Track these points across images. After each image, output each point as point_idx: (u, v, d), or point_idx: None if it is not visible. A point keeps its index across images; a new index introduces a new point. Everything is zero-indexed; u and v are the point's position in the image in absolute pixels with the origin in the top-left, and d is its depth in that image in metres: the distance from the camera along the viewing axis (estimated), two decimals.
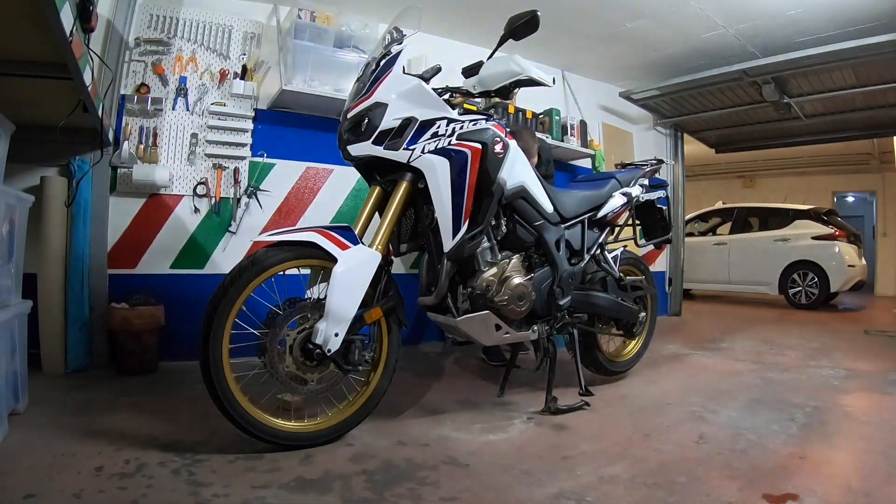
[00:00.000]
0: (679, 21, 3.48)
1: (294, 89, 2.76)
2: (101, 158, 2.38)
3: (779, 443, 1.71)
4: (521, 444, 1.70)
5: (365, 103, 1.70)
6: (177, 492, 1.29)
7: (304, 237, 1.57)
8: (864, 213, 10.52)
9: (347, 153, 1.74)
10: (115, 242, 2.61)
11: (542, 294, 2.01)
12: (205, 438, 1.64)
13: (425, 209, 1.80)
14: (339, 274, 1.55)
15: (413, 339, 3.37)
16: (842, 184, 9.61)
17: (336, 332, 1.56)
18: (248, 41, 2.89)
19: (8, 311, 1.61)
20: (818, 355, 3.18)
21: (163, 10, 2.69)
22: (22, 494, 1.23)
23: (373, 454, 1.58)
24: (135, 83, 2.62)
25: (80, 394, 2.07)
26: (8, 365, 1.63)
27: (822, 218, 6.51)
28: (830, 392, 2.37)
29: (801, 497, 1.32)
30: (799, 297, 6.34)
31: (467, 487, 1.37)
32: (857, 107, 4.54)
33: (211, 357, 1.47)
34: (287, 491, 1.33)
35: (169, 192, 2.71)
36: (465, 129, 1.79)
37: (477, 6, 3.20)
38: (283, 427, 1.59)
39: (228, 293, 1.50)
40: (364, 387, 1.76)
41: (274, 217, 2.97)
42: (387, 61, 1.74)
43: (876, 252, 8.87)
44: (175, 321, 2.56)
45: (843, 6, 3.19)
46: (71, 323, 2.38)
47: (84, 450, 1.50)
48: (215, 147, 2.79)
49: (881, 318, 5.46)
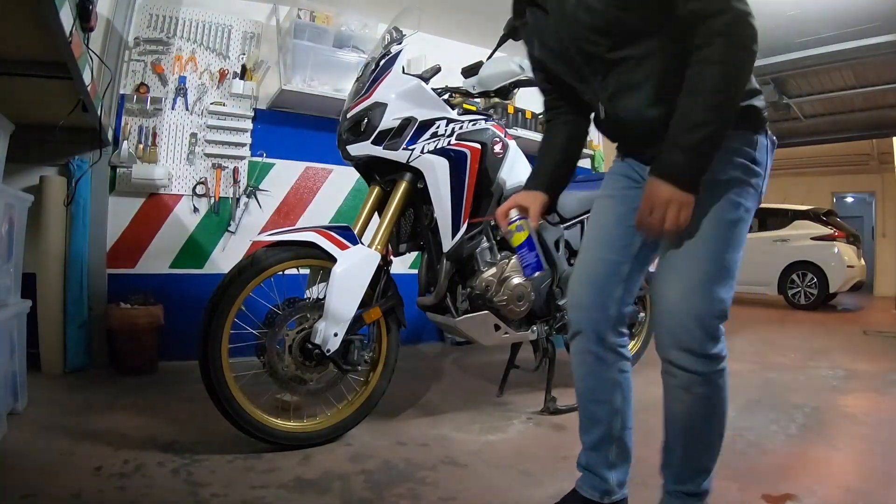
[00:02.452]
0: None
1: (293, 89, 2.75)
2: (101, 158, 2.38)
3: (778, 443, 1.71)
4: (520, 444, 1.70)
5: (364, 103, 1.70)
6: (175, 492, 1.29)
7: (303, 237, 1.57)
8: (863, 214, 10.53)
9: (347, 153, 1.74)
10: (115, 242, 2.61)
11: (541, 294, 2.01)
12: (204, 438, 1.64)
13: (424, 209, 1.80)
14: (339, 274, 1.55)
15: (412, 339, 3.37)
16: (841, 184, 9.63)
17: (335, 332, 1.56)
18: (247, 41, 2.89)
19: (7, 310, 1.61)
20: (817, 356, 3.18)
21: (162, 9, 2.69)
22: (21, 494, 1.22)
23: (372, 454, 1.58)
24: (134, 83, 2.62)
25: (79, 394, 2.06)
26: (7, 365, 1.63)
27: (821, 218, 6.52)
28: (830, 392, 2.37)
29: (801, 497, 1.32)
30: (798, 298, 6.35)
31: (466, 487, 1.37)
32: (856, 107, 4.55)
33: (210, 357, 1.47)
34: (286, 491, 1.33)
35: (168, 192, 2.71)
36: (464, 130, 1.79)
37: (477, 6, 3.19)
38: (282, 427, 1.59)
39: (228, 293, 1.50)
40: (363, 387, 1.76)
41: (273, 217, 2.97)
42: (386, 61, 1.74)
43: (875, 253, 8.89)
44: (174, 321, 2.55)
45: (843, 7, 3.19)
46: (70, 322, 2.38)
47: (83, 450, 1.50)
48: (214, 147, 2.79)
49: (880, 319, 5.47)
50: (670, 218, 0.90)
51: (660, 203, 0.90)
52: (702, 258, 0.97)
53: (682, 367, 0.98)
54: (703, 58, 0.87)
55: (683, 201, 0.90)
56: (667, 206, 0.90)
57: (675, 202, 0.90)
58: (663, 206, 0.90)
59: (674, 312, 0.97)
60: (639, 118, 1.01)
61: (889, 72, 3.68)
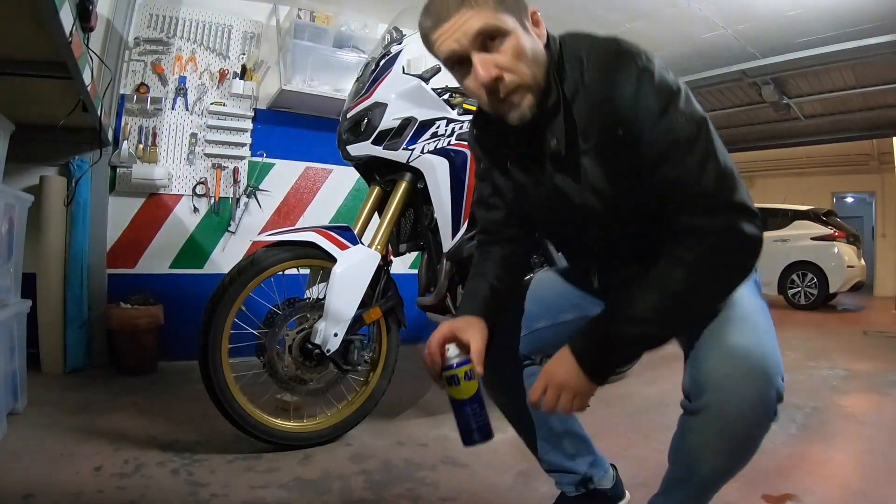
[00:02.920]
0: (679, 22, 3.48)
1: (293, 89, 2.75)
2: (101, 158, 2.38)
3: (778, 443, 1.71)
4: (520, 444, 1.69)
5: (364, 103, 1.70)
6: (175, 492, 1.29)
7: (303, 237, 1.57)
8: (863, 214, 10.53)
9: (347, 153, 1.74)
10: (115, 242, 2.61)
11: None
12: (204, 438, 1.64)
13: (424, 209, 1.80)
14: (339, 274, 1.55)
15: (412, 339, 3.37)
16: (841, 184, 9.62)
17: (335, 332, 1.56)
18: (247, 41, 2.89)
19: (7, 310, 1.61)
20: (817, 356, 3.18)
21: (162, 9, 2.69)
22: (21, 494, 1.22)
23: (372, 454, 1.58)
24: (134, 83, 2.62)
25: (79, 393, 2.06)
26: (7, 364, 1.63)
27: (821, 218, 6.52)
28: (829, 393, 2.37)
29: (800, 497, 1.32)
30: (798, 298, 6.35)
31: (466, 488, 1.37)
32: (856, 107, 4.55)
33: (210, 357, 1.47)
34: (286, 491, 1.33)
35: (168, 192, 2.71)
36: (464, 130, 1.79)
37: None
38: (282, 427, 1.59)
39: (228, 293, 1.50)
40: (363, 387, 1.76)
41: (273, 217, 2.97)
42: (386, 61, 1.74)
43: (875, 253, 8.88)
44: (174, 321, 2.55)
45: (843, 7, 3.19)
46: (70, 322, 2.38)
47: (83, 450, 1.50)
48: (214, 147, 2.79)
49: (880, 319, 5.47)
50: (563, 403, 0.82)
51: (554, 385, 0.82)
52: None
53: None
54: (677, 255, 0.77)
55: (580, 391, 0.81)
56: (561, 391, 0.81)
57: (569, 389, 0.81)
58: (557, 390, 0.81)
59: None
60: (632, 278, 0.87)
61: (889, 72, 3.68)
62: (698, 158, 0.76)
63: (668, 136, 0.77)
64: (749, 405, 0.74)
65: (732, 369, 0.74)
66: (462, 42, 0.79)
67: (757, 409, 0.75)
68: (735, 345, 0.75)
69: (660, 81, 0.78)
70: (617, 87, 0.79)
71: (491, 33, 0.79)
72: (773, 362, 0.76)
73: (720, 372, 0.75)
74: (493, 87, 0.80)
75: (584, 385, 0.80)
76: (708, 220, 0.76)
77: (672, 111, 0.77)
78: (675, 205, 0.78)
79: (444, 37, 0.80)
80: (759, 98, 4.30)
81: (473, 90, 0.83)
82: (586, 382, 0.80)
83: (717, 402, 0.75)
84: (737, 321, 0.79)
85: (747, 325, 0.78)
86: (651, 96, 0.77)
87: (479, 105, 0.89)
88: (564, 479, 1.12)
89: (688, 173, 0.76)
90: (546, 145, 0.87)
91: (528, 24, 0.84)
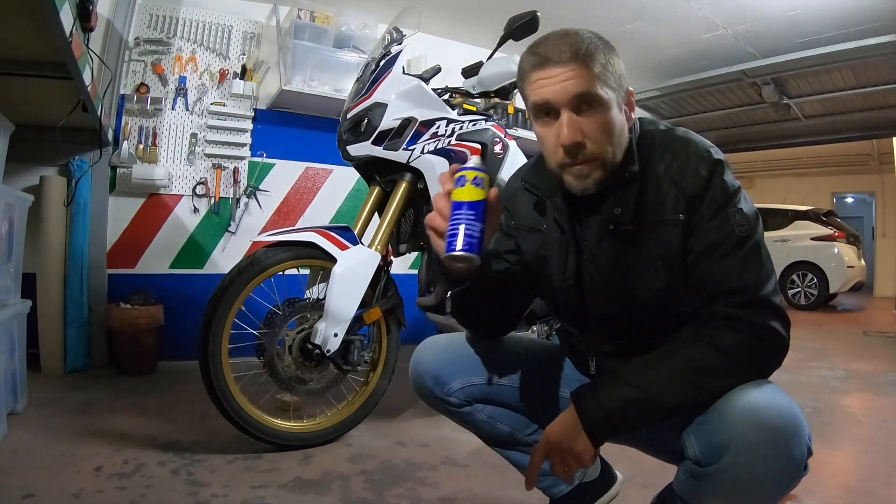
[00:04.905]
0: (679, 22, 3.48)
1: (293, 89, 2.75)
2: (101, 158, 2.38)
3: None
4: None
5: (364, 103, 1.70)
6: (175, 492, 1.29)
7: (303, 237, 1.57)
8: (863, 214, 10.54)
9: (347, 153, 1.74)
10: (115, 242, 2.61)
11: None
12: (204, 438, 1.64)
13: (424, 209, 1.80)
14: (339, 274, 1.55)
15: (412, 339, 3.37)
16: (841, 185, 9.63)
17: (335, 333, 1.56)
18: (247, 41, 2.89)
19: (7, 310, 1.61)
20: (817, 356, 3.18)
21: (162, 9, 2.69)
22: (21, 494, 1.22)
23: (372, 454, 1.58)
24: (134, 83, 2.62)
25: (79, 394, 2.06)
26: (7, 365, 1.63)
27: (821, 219, 6.52)
28: (829, 393, 2.37)
29: (800, 497, 1.32)
30: (798, 298, 6.35)
31: (466, 488, 1.38)
32: (856, 108, 4.54)
33: (210, 357, 1.47)
34: (286, 491, 1.33)
35: (168, 192, 2.71)
36: (464, 130, 1.79)
37: (477, 6, 3.20)
38: (283, 427, 1.59)
39: (228, 293, 1.50)
40: (363, 387, 1.76)
41: (273, 217, 2.97)
42: (386, 61, 1.74)
43: (875, 253, 8.88)
44: (174, 321, 2.55)
45: (843, 7, 3.19)
46: (70, 323, 2.38)
47: (83, 450, 1.50)
48: (215, 147, 2.79)
49: (880, 319, 5.47)
50: (557, 468, 0.82)
51: (554, 450, 0.81)
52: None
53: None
54: (707, 334, 0.77)
55: (579, 454, 0.79)
56: (560, 455, 0.81)
57: (568, 454, 0.80)
58: (558, 454, 0.81)
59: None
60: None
61: (889, 72, 3.68)
62: (746, 256, 0.79)
63: (724, 229, 0.80)
64: (783, 462, 0.69)
65: (758, 425, 0.70)
66: (559, 97, 0.80)
67: (789, 466, 0.70)
68: (757, 400, 0.72)
69: (728, 178, 0.82)
70: (689, 174, 0.82)
71: (588, 100, 0.80)
72: (797, 412, 0.73)
73: (741, 430, 0.70)
74: (572, 150, 0.81)
75: (584, 448, 0.79)
76: (746, 312, 0.77)
77: (731, 207, 0.80)
78: (712, 295, 0.79)
79: (544, 83, 0.81)
80: (759, 98, 4.29)
81: (549, 145, 0.84)
82: (586, 445, 0.79)
83: (743, 464, 0.70)
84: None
85: (759, 382, 0.76)
86: (718, 189, 0.81)
87: (546, 160, 0.88)
88: (545, 481, 1.09)
89: (734, 267, 0.78)
90: (608, 214, 0.86)
91: (623, 103, 0.85)
